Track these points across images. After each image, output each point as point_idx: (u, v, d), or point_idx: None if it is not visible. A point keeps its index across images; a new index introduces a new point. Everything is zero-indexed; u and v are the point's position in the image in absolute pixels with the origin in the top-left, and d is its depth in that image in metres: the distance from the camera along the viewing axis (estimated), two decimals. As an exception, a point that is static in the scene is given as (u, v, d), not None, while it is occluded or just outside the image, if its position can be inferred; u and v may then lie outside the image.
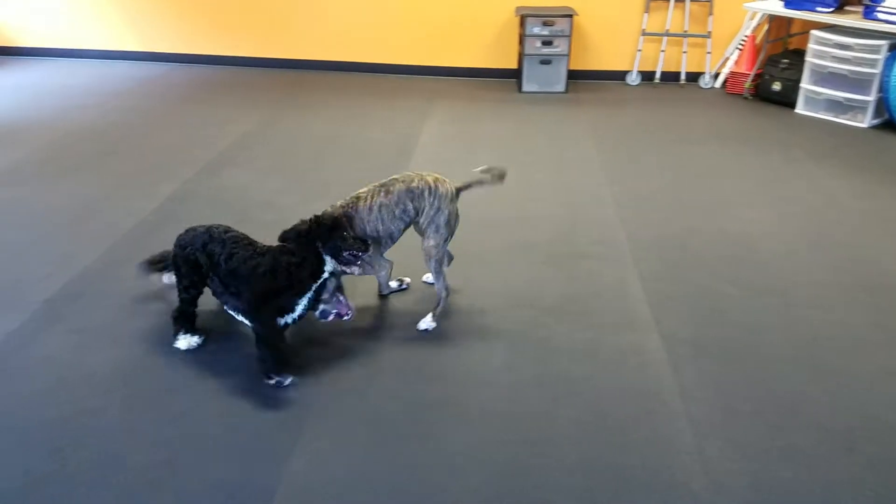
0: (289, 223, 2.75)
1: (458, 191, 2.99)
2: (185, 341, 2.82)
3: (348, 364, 2.76)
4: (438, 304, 3.01)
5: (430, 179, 2.89)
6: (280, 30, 7.17)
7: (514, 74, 6.95)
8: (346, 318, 2.85)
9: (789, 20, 6.27)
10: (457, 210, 2.96)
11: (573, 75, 6.73)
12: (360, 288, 3.27)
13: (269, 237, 2.80)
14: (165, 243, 2.86)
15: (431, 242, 2.91)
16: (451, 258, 3.20)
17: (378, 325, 3.03)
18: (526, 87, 6.59)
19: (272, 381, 2.62)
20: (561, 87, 6.57)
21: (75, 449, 2.32)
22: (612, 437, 2.40)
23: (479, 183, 3.05)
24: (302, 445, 2.34)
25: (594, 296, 3.24)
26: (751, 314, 3.11)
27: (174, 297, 2.85)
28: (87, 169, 4.63)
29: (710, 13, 6.62)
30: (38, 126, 5.42)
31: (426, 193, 2.87)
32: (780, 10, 5.99)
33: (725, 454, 2.33)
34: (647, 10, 6.66)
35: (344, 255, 2.72)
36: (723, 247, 3.69)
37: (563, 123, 5.70)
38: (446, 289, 3.00)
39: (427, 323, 2.99)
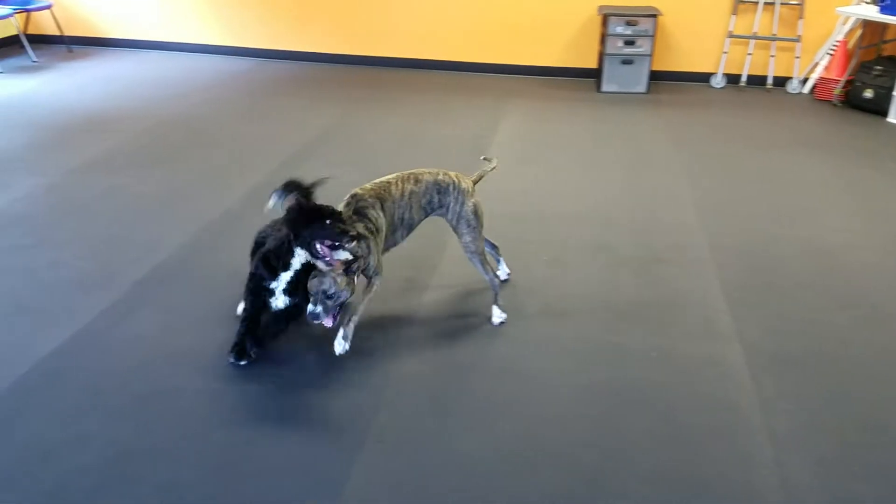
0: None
1: (474, 184, 3.02)
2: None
3: (417, 358, 2.79)
4: (496, 294, 3.02)
5: (452, 175, 2.94)
6: (360, 28, 7.27)
7: (594, 74, 6.88)
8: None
9: (884, 26, 6.02)
10: (479, 202, 2.98)
11: (655, 76, 6.61)
12: (427, 281, 3.29)
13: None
14: (249, 232, 2.94)
15: (468, 238, 2.93)
16: (495, 247, 3.26)
17: (447, 320, 3.04)
18: (605, 86, 6.51)
19: (229, 358, 2.69)
20: (642, 87, 6.47)
21: (159, 424, 2.41)
22: (687, 449, 2.35)
23: (485, 172, 3.11)
24: (371, 435, 2.38)
25: (672, 302, 3.18)
26: (836, 327, 3.01)
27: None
28: (176, 159, 4.79)
29: (801, 16, 6.41)
30: (130, 116, 5.64)
31: (451, 188, 2.90)
32: (875, 15, 5.75)
33: (806, 469, 2.26)
34: (734, 11, 6.49)
35: (316, 246, 2.56)
36: (808, 257, 3.58)
37: (643, 125, 5.61)
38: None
39: (499, 315, 3.00)
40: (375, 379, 2.66)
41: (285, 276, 2.66)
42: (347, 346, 2.73)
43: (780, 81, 6.69)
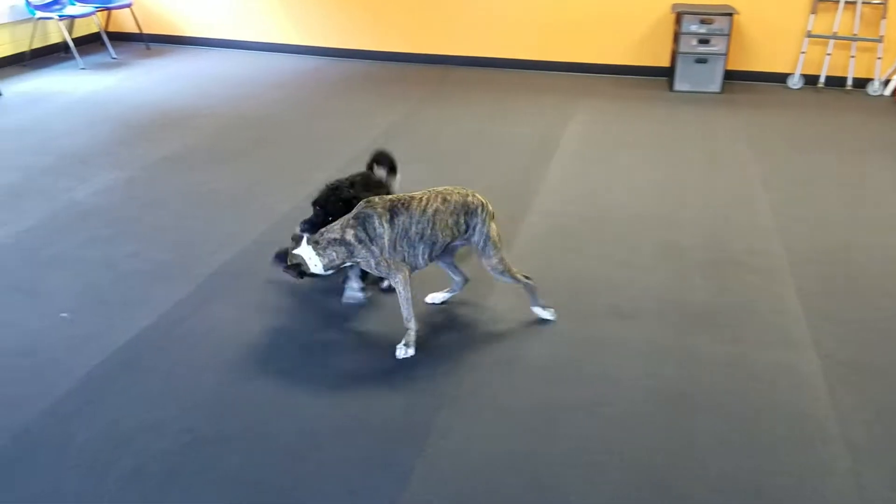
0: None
1: None
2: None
3: (479, 358, 2.78)
4: (535, 293, 2.98)
5: (480, 197, 2.86)
6: (429, 26, 7.30)
7: (666, 73, 6.76)
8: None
9: (977, 23, 5.75)
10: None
11: (729, 75, 6.46)
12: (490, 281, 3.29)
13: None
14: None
15: (496, 260, 2.86)
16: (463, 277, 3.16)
17: (511, 321, 3.03)
18: (678, 85, 6.39)
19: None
20: (716, 87, 6.32)
21: (232, 413, 2.47)
22: (759, 458, 2.29)
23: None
24: (437, 431, 2.39)
25: (746, 308, 3.10)
26: (921, 339, 2.89)
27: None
28: (248, 155, 4.90)
29: (884, 16, 6.17)
30: (205, 113, 5.79)
31: (479, 210, 2.83)
32: (968, 11, 5.50)
33: (884, 482, 2.18)
34: (813, 10, 6.29)
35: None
36: (889, 264, 3.44)
37: (717, 125, 5.49)
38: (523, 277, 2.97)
39: (544, 313, 2.99)
40: (438, 378, 2.67)
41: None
42: (411, 352, 2.77)
43: (861, 83, 6.46)
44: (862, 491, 2.15)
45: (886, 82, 6.34)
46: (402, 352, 2.76)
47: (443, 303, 3.11)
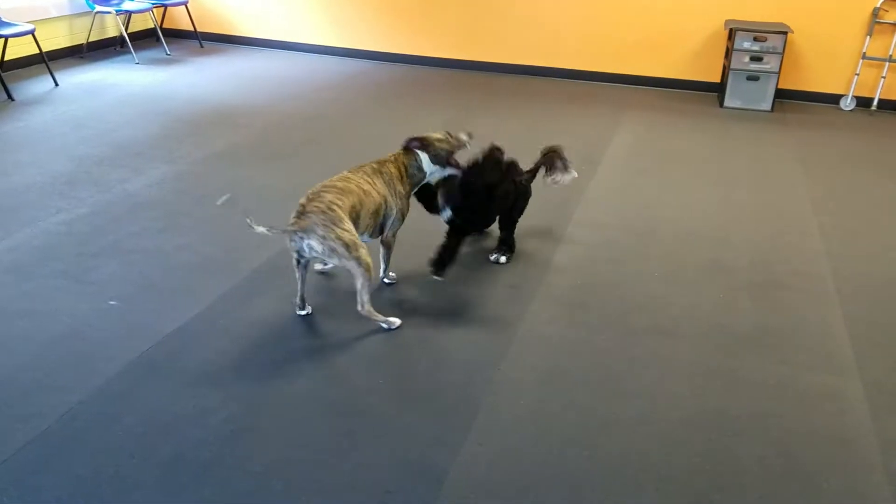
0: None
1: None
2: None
3: (525, 371, 2.78)
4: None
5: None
6: (477, 33, 7.32)
7: (716, 88, 6.69)
8: None
9: None
10: None
11: (780, 94, 6.36)
12: (533, 289, 3.28)
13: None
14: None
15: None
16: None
17: (553, 331, 3.02)
18: (728, 102, 6.32)
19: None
20: (767, 105, 6.23)
21: (272, 409, 2.50)
22: (799, 483, 2.25)
23: None
24: (473, 438, 2.39)
25: (792, 330, 3.05)
26: (972, 372, 2.81)
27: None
28: (295, 154, 4.96)
29: (945, 38, 6.04)
30: (254, 112, 5.88)
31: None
32: None
33: (931, 519, 2.13)
34: (870, 32, 6.17)
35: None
36: (943, 294, 3.36)
37: (767, 143, 5.41)
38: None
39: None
40: (476, 387, 2.67)
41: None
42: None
43: (916, 106, 6.32)
44: (906, 524, 2.10)
45: (943, 107, 6.20)
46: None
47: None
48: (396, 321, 2.97)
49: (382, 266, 3.28)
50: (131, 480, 2.17)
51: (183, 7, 7.95)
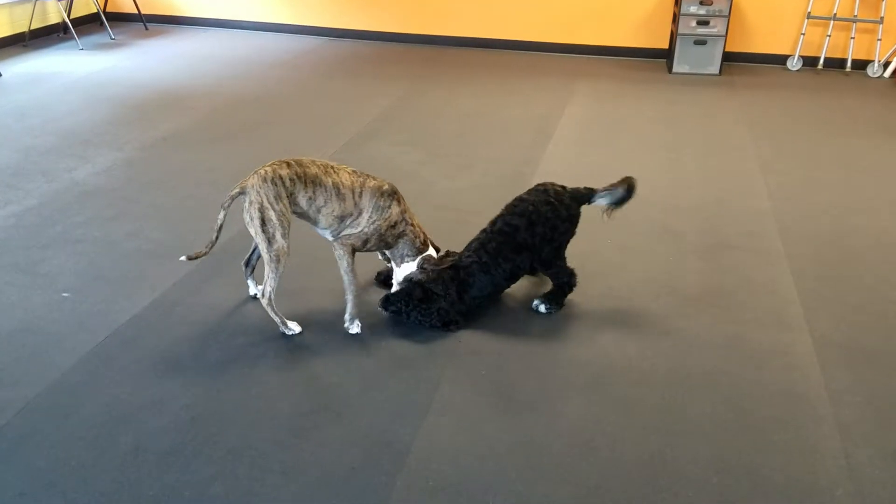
0: (432, 195, 2.82)
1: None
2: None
3: (477, 339, 2.82)
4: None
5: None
6: (426, 6, 7.27)
7: (665, 55, 6.75)
8: None
9: (978, 5, 5.74)
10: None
11: (728, 57, 6.45)
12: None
13: (412, 207, 2.89)
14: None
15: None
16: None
17: (509, 304, 3.06)
18: (677, 67, 6.39)
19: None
20: (715, 69, 6.32)
21: (233, 391, 2.50)
22: (751, 437, 2.33)
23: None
24: (433, 409, 2.42)
25: (740, 289, 3.13)
26: (913, 321, 2.92)
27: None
28: (246, 135, 4.91)
29: (885, -4, 6.16)
30: (202, 93, 5.79)
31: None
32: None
33: (874, 462, 2.22)
34: (814, -9, 6.28)
35: None
36: (886, 248, 3.47)
37: (715, 108, 5.49)
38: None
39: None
40: (437, 356, 2.70)
41: None
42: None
43: (860, 65, 6.46)
44: (852, 472, 2.19)
45: (886, 64, 6.34)
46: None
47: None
48: (296, 328, 2.82)
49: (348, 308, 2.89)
50: (92, 471, 2.16)
51: (125, -11, 7.76)
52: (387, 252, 2.97)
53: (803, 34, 6.44)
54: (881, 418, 2.40)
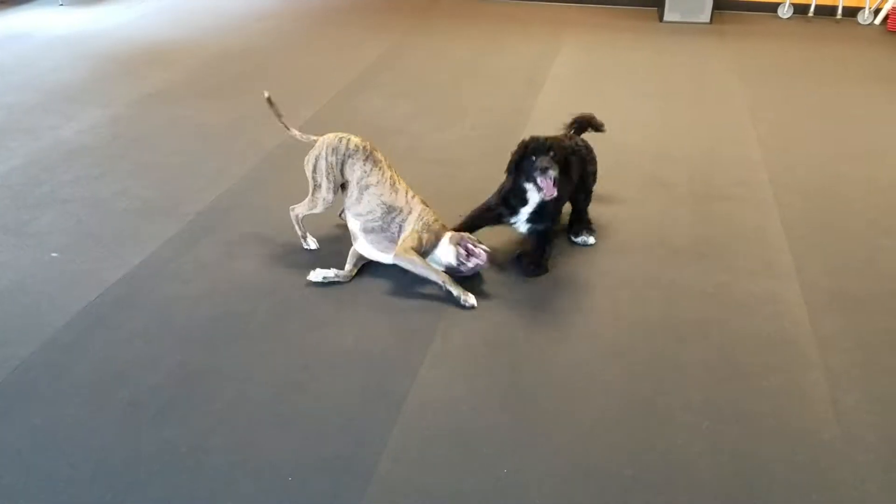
0: (422, 149, 2.81)
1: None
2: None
3: (477, 285, 2.83)
4: None
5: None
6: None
7: (655, 2, 6.67)
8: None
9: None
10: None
11: (719, 5, 6.38)
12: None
13: (401, 162, 2.87)
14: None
15: None
16: None
17: (504, 254, 3.07)
18: (668, 16, 6.31)
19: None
20: (705, 17, 6.25)
21: (227, 347, 2.51)
22: (741, 383, 2.36)
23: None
24: (430, 359, 2.44)
25: (731, 239, 3.15)
26: (901, 267, 2.95)
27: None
28: (234, 90, 4.84)
29: (879, -60, 6.08)
30: (189, 47, 5.69)
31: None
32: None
33: (861, 406, 2.26)
34: (807, -65, 6.19)
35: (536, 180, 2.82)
36: (874, 195, 3.48)
37: (706, 56, 5.44)
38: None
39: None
40: (431, 309, 2.71)
41: (525, 210, 2.93)
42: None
43: (851, 12, 6.40)
44: (839, 415, 2.22)
45: (876, 11, 6.29)
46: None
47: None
48: (314, 244, 3.06)
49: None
50: (88, 427, 2.17)
51: (103, -59, 7.56)
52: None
53: (795, -20, 6.37)
54: (868, 363, 2.44)
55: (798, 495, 1.96)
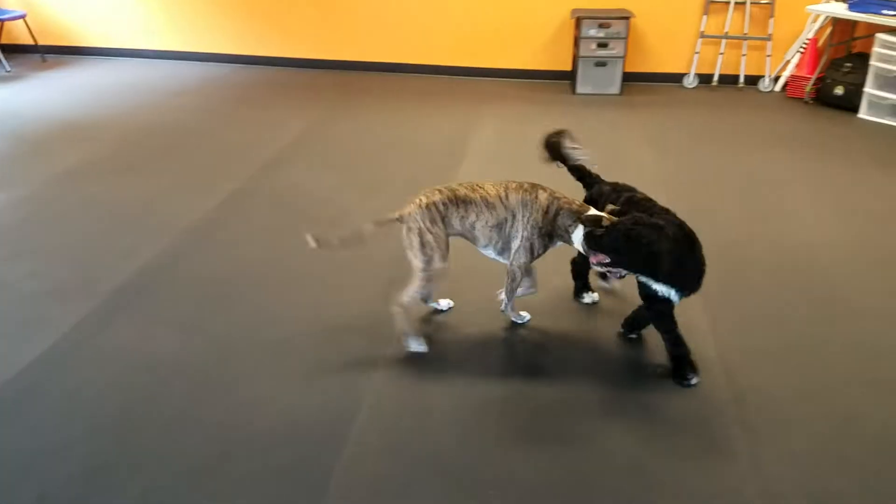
0: (348, 220, 2.80)
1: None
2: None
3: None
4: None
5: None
6: (335, 32, 7.28)
7: (568, 76, 6.94)
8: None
9: (853, 23, 6.13)
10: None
11: (628, 77, 6.69)
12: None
13: (331, 231, 2.86)
14: (227, 238, 2.96)
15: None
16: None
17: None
18: (580, 88, 6.58)
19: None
20: (616, 89, 6.54)
21: (139, 436, 2.41)
22: (662, 439, 2.40)
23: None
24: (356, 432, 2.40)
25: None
26: (810, 324, 3.07)
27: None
28: (152, 166, 4.78)
29: (771, 15, 6.52)
30: (105, 124, 5.62)
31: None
32: (845, 12, 5.86)
33: (780, 461, 2.32)
34: (706, 11, 6.58)
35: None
36: (782, 254, 3.64)
37: (617, 126, 5.68)
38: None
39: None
40: (355, 382, 2.69)
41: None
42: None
43: (752, 80, 6.79)
44: (759, 470, 2.28)
45: (776, 78, 6.69)
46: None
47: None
48: (421, 347, 2.88)
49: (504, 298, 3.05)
50: (-10, 527, 2.05)
51: (21, 21, 7.47)
52: (557, 243, 2.92)
53: (697, 53, 6.74)
54: (782, 417, 2.52)
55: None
